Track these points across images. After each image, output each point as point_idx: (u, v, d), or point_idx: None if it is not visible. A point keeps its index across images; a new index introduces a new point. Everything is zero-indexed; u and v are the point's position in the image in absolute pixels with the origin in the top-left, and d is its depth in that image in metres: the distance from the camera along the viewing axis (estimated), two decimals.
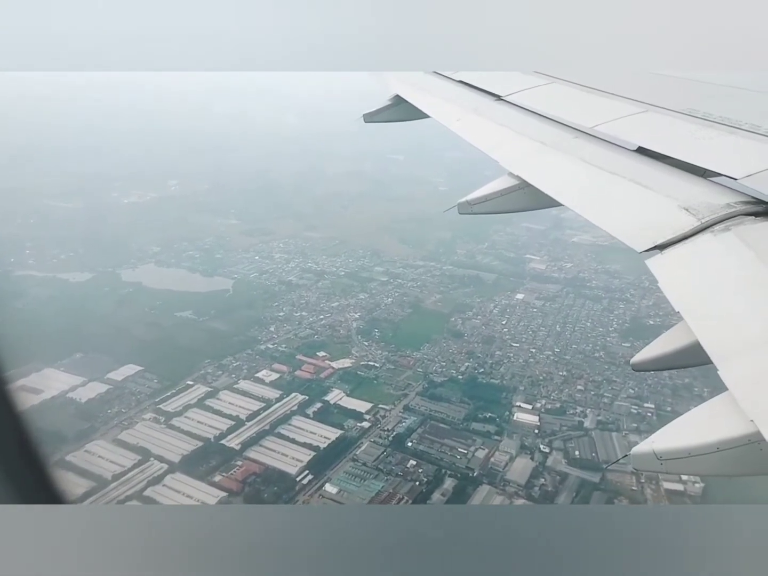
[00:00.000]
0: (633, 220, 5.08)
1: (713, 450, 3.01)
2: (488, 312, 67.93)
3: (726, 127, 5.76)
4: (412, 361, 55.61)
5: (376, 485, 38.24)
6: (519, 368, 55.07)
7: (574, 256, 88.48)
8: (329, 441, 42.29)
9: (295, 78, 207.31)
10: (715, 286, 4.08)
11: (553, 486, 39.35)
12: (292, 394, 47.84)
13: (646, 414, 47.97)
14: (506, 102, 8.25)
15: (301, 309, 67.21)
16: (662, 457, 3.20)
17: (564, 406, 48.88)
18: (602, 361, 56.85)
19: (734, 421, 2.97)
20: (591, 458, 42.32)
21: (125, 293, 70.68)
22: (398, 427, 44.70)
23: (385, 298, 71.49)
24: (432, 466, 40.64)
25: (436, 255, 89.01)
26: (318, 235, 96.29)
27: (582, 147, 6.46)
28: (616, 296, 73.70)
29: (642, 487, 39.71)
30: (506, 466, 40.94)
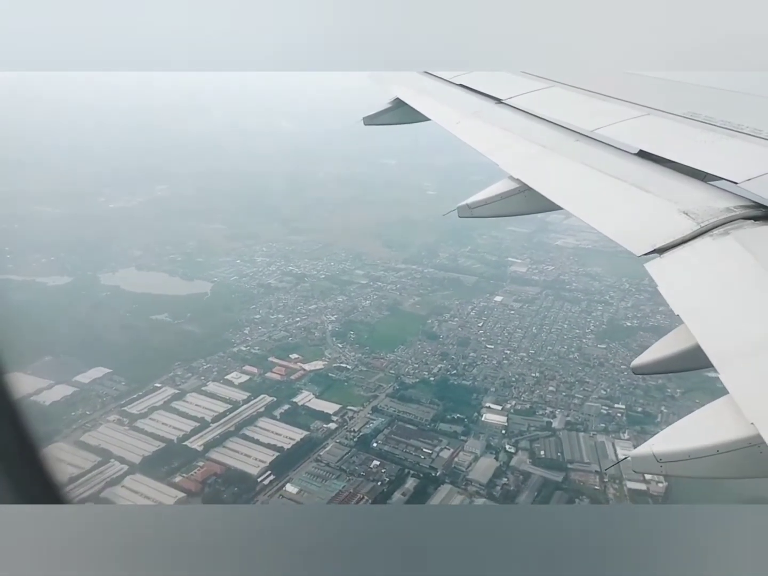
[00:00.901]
0: (633, 224, 5.08)
1: (713, 453, 3.02)
2: (465, 314, 67.92)
3: (727, 130, 5.77)
4: (385, 363, 55.53)
5: (337, 485, 38.10)
6: (492, 369, 55.01)
7: (557, 259, 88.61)
8: (294, 442, 42.16)
9: (292, 78, 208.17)
10: (714, 289, 4.08)
11: (516, 485, 39.25)
12: (260, 396, 47.72)
13: (615, 415, 47.91)
14: (507, 105, 8.26)
15: (277, 312, 67.13)
16: (662, 460, 3.20)
17: (534, 407, 48.81)
18: (576, 363, 56.85)
19: (734, 424, 2.98)
20: (556, 458, 42.24)
21: (102, 297, 70.59)
22: (365, 428, 44.59)
23: (363, 301, 71.46)
24: (395, 467, 40.51)
25: (418, 258, 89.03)
26: (302, 239, 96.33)
27: (583, 150, 6.47)
28: (595, 298, 73.75)
29: (605, 486, 39.60)
30: (470, 465, 40.83)
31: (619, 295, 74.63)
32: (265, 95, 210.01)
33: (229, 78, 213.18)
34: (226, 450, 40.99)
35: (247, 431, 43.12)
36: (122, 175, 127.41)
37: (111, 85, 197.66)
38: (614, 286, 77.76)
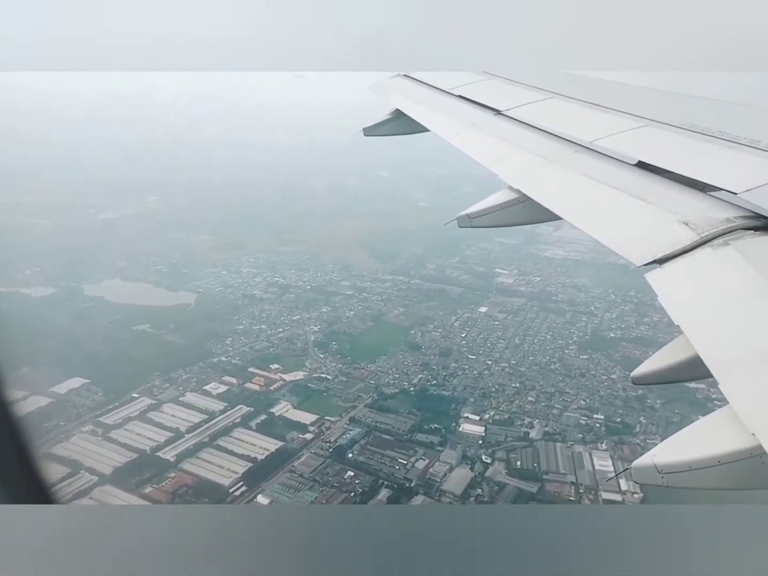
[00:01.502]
0: (632, 234, 5.09)
1: (714, 464, 3.00)
2: (449, 325, 67.88)
3: (725, 141, 5.79)
4: (365, 374, 55.36)
5: (309, 496, 37.77)
6: (472, 380, 54.88)
7: (544, 270, 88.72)
8: (268, 453, 41.85)
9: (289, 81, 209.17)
10: (714, 300, 4.07)
11: (490, 496, 38.95)
12: (238, 407, 47.44)
13: (594, 425, 47.77)
14: (505, 116, 8.32)
15: (260, 322, 66.99)
16: (663, 471, 3.19)
17: (512, 417, 48.63)
18: (557, 373, 56.75)
19: (735, 434, 2.96)
20: (532, 468, 42.02)
21: (85, 307, 70.34)
22: (341, 439, 44.32)
23: (347, 312, 71.39)
24: (369, 477, 40.23)
25: (405, 269, 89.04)
26: (290, 250, 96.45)
27: (582, 161, 6.49)
28: (580, 309, 73.77)
29: (580, 497, 39.37)
30: (444, 476, 40.56)
31: (604, 306, 74.74)
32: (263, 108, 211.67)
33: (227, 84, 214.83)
34: (199, 461, 40.65)
35: (222, 442, 42.81)
36: (114, 186, 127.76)
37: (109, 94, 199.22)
38: (600, 297, 77.87)
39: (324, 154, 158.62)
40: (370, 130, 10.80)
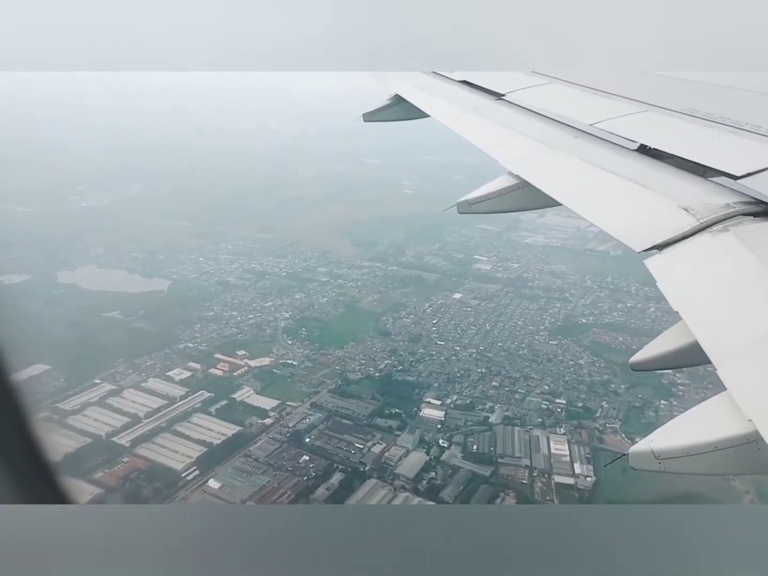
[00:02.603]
0: (632, 220, 5.06)
1: (711, 449, 3.01)
2: (421, 311, 67.85)
3: (726, 126, 5.80)
4: (332, 359, 55.40)
5: (261, 480, 37.87)
6: (438, 366, 54.95)
7: (523, 256, 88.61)
8: (225, 437, 41.89)
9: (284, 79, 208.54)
10: (713, 286, 4.06)
11: (442, 479, 39.14)
12: (199, 392, 47.44)
13: (555, 410, 47.92)
14: (506, 101, 8.30)
15: (232, 309, 66.87)
16: (660, 456, 3.18)
17: (474, 402, 48.77)
18: (524, 359, 56.86)
19: (732, 420, 2.97)
20: (488, 452, 42.19)
21: (57, 294, 70.13)
22: (300, 424, 44.38)
23: (320, 298, 71.31)
24: (324, 461, 40.33)
25: (384, 256, 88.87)
26: (270, 237, 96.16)
27: (582, 146, 6.48)
28: (554, 296, 73.73)
29: (533, 480, 39.57)
30: (399, 460, 40.70)
31: (579, 293, 74.75)
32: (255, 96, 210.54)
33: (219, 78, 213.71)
34: (154, 446, 40.67)
35: (179, 427, 42.82)
36: (99, 174, 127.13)
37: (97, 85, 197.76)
38: (576, 283, 77.89)
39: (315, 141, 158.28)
40: (369, 115, 10.77)
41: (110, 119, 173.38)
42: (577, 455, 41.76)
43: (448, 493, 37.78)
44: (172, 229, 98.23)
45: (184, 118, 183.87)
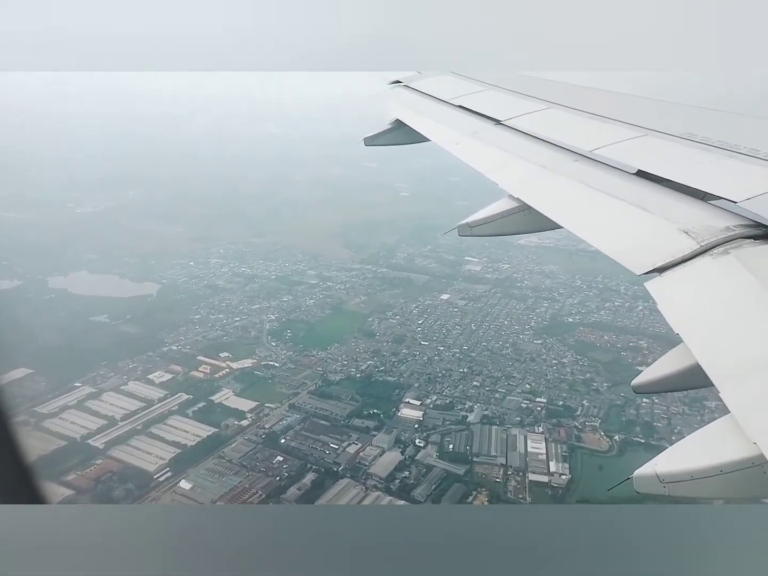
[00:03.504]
0: (632, 243, 5.08)
1: (716, 473, 2.99)
2: (408, 312, 67.86)
3: (725, 150, 5.81)
4: (314, 361, 55.46)
5: (233, 481, 37.93)
6: (420, 366, 54.91)
7: (514, 257, 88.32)
8: (200, 439, 42.00)
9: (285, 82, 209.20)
10: (714, 309, 4.05)
11: (415, 479, 39.06)
12: (177, 394, 47.60)
13: (535, 408, 47.73)
14: (505, 126, 8.35)
15: (219, 312, 67.11)
16: (665, 480, 3.16)
17: (454, 402, 48.68)
18: (507, 358, 56.70)
19: (737, 444, 2.95)
20: (464, 451, 42.07)
21: (47, 299, 70.55)
22: (277, 425, 44.43)
23: (308, 300, 71.43)
24: (298, 462, 40.35)
25: (375, 258, 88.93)
26: (262, 241, 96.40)
27: (582, 170, 6.48)
28: (543, 295, 73.56)
29: (507, 478, 39.43)
30: (374, 460, 40.67)
31: (567, 292, 74.60)
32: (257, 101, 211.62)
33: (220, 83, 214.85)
34: (129, 447, 40.83)
35: (155, 429, 42.98)
36: (97, 180, 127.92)
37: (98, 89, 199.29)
38: (566, 283, 77.72)
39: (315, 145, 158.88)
40: (370, 140, 10.99)
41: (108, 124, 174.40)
42: (553, 453, 41.59)
43: (420, 492, 37.69)
44: (166, 234, 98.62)
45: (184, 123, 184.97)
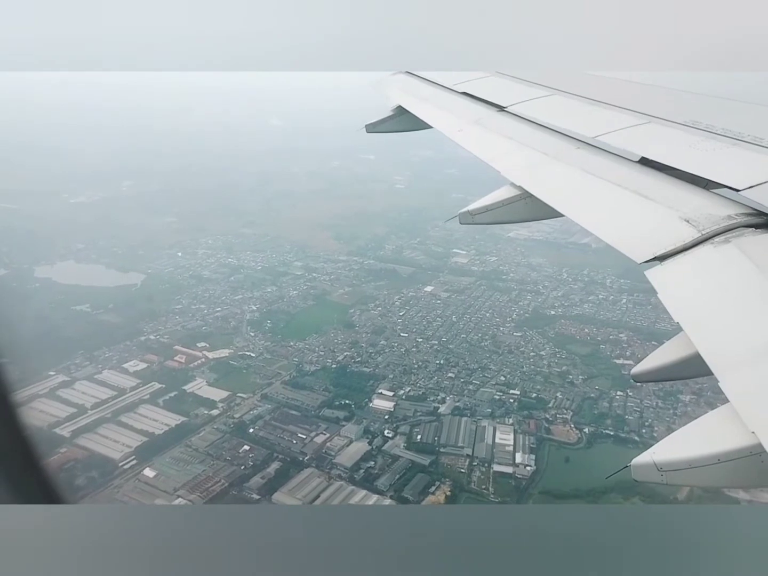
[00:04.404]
0: (634, 231, 5.08)
1: (714, 462, 3.00)
2: (390, 304, 67.79)
3: (728, 139, 5.79)
4: (291, 351, 55.47)
5: (197, 469, 38.04)
6: (397, 357, 54.87)
7: (503, 250, 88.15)
8: (168, 428, 42.09)
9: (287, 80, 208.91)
10: (714, 297, 4.06)
11: (380, 469, 39.10)
12: (150, 384, 47.68)
13: (507, 400, 47.66)
14: (508, 113, 8.34)
15: (200, 302, 67.16)
16: (663, 468, 3.16)
17: (427, 393, 48.65)
18: (485, 350, 56.61)
19: (735, 432, 2.96)
20: (431, 442, 42.07)
21: (31, 288, 70.65)
22: (247, 415, 44.49)
23: (291, 291, 71.42)
24: (265, 451, 40.42)
25: (363, 250, 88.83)
26: (252, 232, 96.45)
27: (584, 158, 6.51)
28: (527, 288, 73.40)
29: (471, 469, 39.43)
30: (340, 450, 40.71)
31: (552, 285, 74.38)
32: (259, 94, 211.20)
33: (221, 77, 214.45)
34: (96, 436, 40.95)
35: (124, 417, 43.07)
36: (91, 171, 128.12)
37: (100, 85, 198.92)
38: (552, 276, 77.50)
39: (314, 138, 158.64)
40: (372, 126, 10.84)
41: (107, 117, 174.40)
42: (520, 445, 41.54)
43: (383, 482, 37.72)
44: (156, 225, 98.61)
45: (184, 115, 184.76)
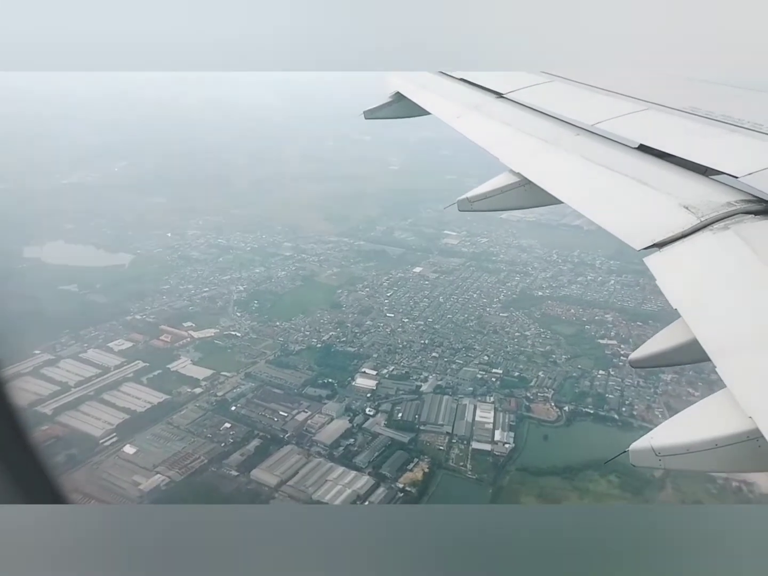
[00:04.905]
0: (632, 218, 5.06)
1: (711, 446, 3.02)
2: (378, 285, 67.84)
3: (727, 125, 5.76)
4: (277, 331, 55.66)
5: (178, 446, 38.36)
6: (382, 337, 55.08)
7: (494, 231, 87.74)
8: (150, 405, 42.36)
9: None
10: (713, 284, 4.06)
11: (359, 446, 39.45)
12: (134, 362, 47.89)
13: (490, 379, 47.93)
14: (507, 99, 8.30)
15: (188, 282, 67.25)
16: (660, 453, 3.19)
17: (410, 372, 48.91)
18: (470, 330, 56.81)
19: (732, 418, 2.98)
20: (412, 420, 42.40)
21: (19, 268, 70.58)
22: (230, 393, 44.75)
23: (279, 272, 71.46)
24: (245, 429, 40.74)
25: (354, 231, 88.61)
26: (244, 213, 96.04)
27: (583, 144, 6.48)
28: (517, 269, 73.42)
29: (450, 446, 39.79)
30: (321, 427, 41.03)
31: (542, 266, 74.39)
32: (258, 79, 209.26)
33: None
34: (79, 413, 41.21)
35: (107, 395, 43.34)
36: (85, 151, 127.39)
37: None
38: (542, 257, 77.44)
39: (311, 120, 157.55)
40: (370, 112, 10.79)
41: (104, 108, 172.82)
42: (500, 423, 41.89)
43: (362, 459, 38.09)
44: (148, 205, 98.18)
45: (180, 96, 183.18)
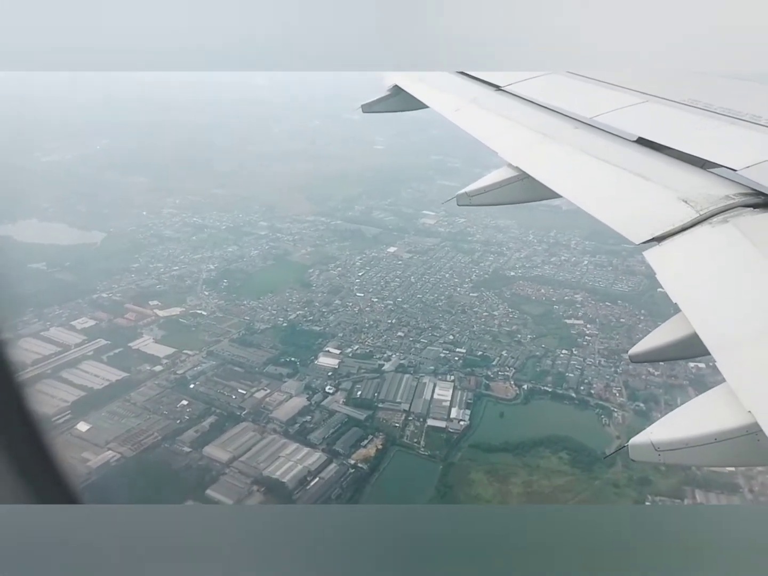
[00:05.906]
0: (631, 212, 5.03)
1: (711, 441, 3.02)
2: (350, 264, 67.62)
3: (727, 117, 5.74)
4: (244, 310, 55.47)
5: (132, 423, 38.33)
6: (350, 316, 54.98)
7: (473, 211, 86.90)
8: (108, 383, 42.24)
9: None
10: (712, 278, 4.07)
11: (316, 423, 39.55)
12: (96, 340, 47.66)
13: (452, 358, 48.00)
14: (506, 92, 8.26)
15: (158, 261, 66.81)
16: (660, 448, 3.18)
17: (373, 351, 48.91)
18: (439, 310, 56.78)
19: (732, 412, 2.98)
20: (371, 398, 42.49)
21: None
22: (190, 372, 44.65)
23: (252, 251, 71.08)
24: (203, 406, 40.73)
25: (333, 211, 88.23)
26: (224, 192, 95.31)
27: (582, 138, 6.46)
28: (492, 249, 73.34)
29: (406, 423, 39.96)
30: (279, 405, 41.08)
31: (517, 246, 74.38)
32: None
33: None
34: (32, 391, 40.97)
35: (65, 373, 43.15)
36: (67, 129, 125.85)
37: None
38: (517, 237, 77.41)
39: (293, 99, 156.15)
40: (368, 106, 10.73)
41: None
42: (457, 401, 42.04)
43: (317, 435, 38.19)
44: (127, 184, 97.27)
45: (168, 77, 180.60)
